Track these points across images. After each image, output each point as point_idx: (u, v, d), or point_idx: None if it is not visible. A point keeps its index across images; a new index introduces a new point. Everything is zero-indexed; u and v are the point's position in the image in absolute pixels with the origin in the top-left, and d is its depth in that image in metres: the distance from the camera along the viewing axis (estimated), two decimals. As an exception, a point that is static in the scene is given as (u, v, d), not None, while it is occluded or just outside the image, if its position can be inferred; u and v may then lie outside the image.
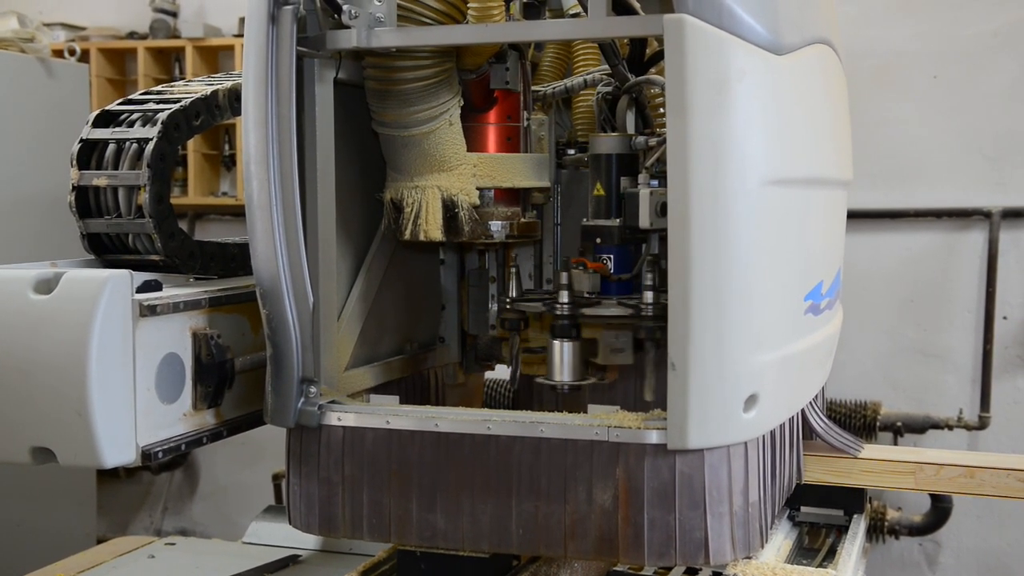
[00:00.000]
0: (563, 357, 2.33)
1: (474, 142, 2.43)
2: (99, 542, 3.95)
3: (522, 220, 2.45)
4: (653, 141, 2.34)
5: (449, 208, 2.33)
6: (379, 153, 2.41)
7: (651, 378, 2.33)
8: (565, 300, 2.29)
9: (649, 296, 2.26)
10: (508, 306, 2.43)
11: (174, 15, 5.90)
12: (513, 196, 2.47)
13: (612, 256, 2.39)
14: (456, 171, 2.34)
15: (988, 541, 4.93)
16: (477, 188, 2.36)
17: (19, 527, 4.39)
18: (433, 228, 2.33)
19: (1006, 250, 4.80)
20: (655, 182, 2.29)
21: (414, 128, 2.30)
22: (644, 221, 2.25)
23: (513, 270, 2.43)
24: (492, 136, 2.52)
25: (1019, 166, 4.78)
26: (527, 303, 2.41)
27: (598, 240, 2.39)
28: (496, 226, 2.40)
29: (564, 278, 2.30)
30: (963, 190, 4.84)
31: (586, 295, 2.36)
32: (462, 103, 2.36)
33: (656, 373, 2.31)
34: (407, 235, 2.35)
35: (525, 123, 2.54)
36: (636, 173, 2.36)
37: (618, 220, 2.37)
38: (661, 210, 2.22)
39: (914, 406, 4.90)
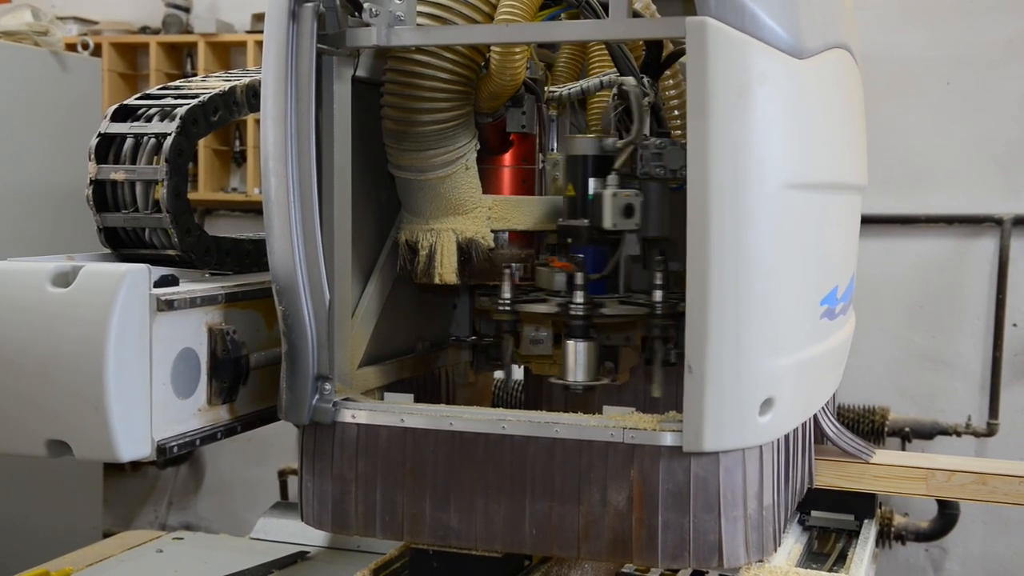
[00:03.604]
0: (577, 357, 2.33)
1: (489, 184, 2.45)
2: (105, 536, 3.95)
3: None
4: (620, 143, 2.29)
5: (464, 251, 2.35)
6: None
7: (659, 374, 2.37)
8: (580, 300, 2.29)
9: (659, 295, 2.26)
10: (507, 307, 2.39)
11: (187, 10, 5.91)
12: (527, 238, 2.49)
13: (585, 256, 2.38)
14: (471, 214, 2.36)
15: (994, 548, 4.93)
16: (492, 231, 2.38)
17: (25, 520, 4.40)
18: (448, 271, 2.34)
19: (1017, 257, 4.80)
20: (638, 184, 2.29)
21: (430, 172, 2.31)
22: (607, 222, 2.26)
23: (507, 271, 2.40)
24: (507, 178, 2.54)
25: (1031, 173, 4.78)
26: (529, 304, 2.38)
27: (569, 240, 2.40)
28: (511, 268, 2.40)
29: (580, 278, 2.28)
30: (975, 197, 4.83)
31: (562, 294, 2.37)
32: (478, 147, 2.36)
33: (663, 371, 2.35)
34: (422, 278, 2.36)
35: (540, 165, 2.53)
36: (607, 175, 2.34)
37: (586, 221, 2.36)
38: (625, 212, 2.24)
39: (922, 412, 4.90)
